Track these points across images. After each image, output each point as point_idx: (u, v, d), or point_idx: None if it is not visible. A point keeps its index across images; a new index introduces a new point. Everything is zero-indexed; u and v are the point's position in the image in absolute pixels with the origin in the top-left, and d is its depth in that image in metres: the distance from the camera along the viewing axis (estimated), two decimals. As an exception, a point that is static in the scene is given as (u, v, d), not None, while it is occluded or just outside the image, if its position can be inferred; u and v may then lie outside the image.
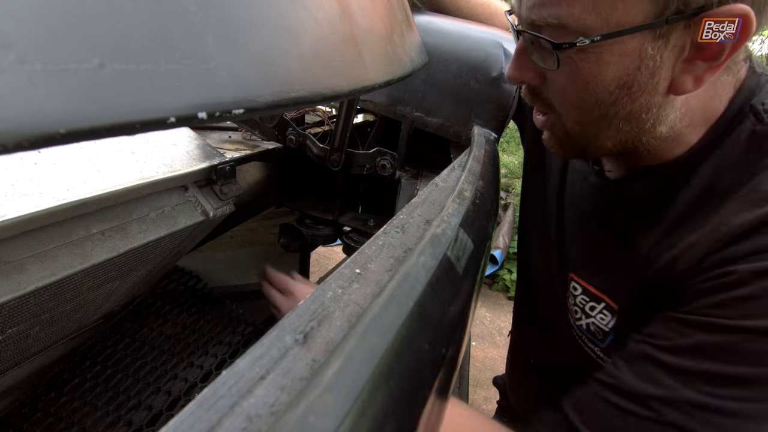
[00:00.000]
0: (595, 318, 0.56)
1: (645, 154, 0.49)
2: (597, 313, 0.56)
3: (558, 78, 0.45)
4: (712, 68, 0.39)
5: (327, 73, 0.25)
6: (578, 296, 0.59)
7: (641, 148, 0.48)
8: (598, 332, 0.56)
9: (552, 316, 0.69)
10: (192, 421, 0.15)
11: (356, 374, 0.17)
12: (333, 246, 2.54)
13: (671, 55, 0.40)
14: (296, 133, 0.77)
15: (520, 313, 0.88)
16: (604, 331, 0.55)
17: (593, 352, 0.58)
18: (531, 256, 0.75)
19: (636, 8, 0.37)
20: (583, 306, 0.58)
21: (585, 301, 0.58)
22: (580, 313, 0.59)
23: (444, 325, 0.25)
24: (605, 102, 0.43)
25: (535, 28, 0.43)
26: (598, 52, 0.40)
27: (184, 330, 0.87)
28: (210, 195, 0.63)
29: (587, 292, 0.58)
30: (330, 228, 0.86)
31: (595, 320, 0.57)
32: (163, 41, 0.15)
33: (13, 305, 0.42)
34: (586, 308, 0.58)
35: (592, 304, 0.57)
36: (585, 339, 0.59)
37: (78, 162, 0.49)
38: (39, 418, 0.65)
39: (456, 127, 0.70)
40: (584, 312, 0.58)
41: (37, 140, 0.11)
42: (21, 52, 0.11)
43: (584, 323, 0.59)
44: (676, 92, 0.42)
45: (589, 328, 0.58)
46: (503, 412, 1.00)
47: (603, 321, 0.55)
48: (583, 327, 0.59)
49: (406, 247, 0.29)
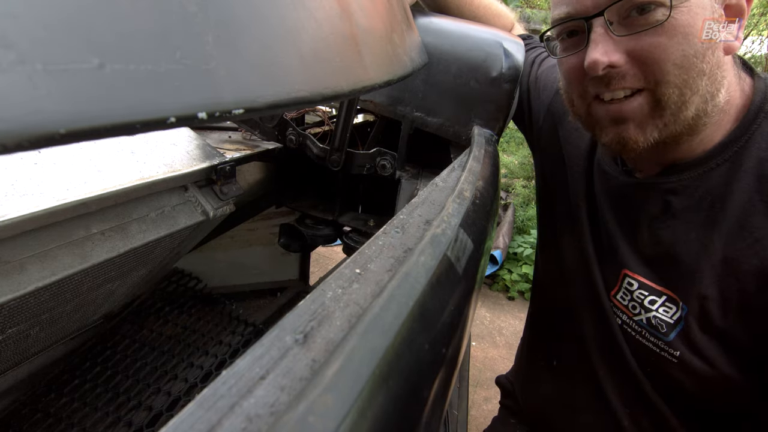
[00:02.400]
0: (657, 311, 0.58)
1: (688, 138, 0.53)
2: (659, 306, 0.58)
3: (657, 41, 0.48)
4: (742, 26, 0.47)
5: (327, 73, 0.25)
6: (635, 291, 0.61)
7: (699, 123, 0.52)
8: (661, 325, 0.58)
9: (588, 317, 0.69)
10: (192, 421, 0.15)
11: (356, 374, 0.17)
12: (333, 246, 2.54)
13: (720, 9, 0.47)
14: (296, 133, 0.77)
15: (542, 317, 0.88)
16: (669, 324, 0.57)
17: (656, 345, 0.59)
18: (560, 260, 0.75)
19: None
20: (642, 300, 0.60)
21: (643, 296, 0.59)
22: (638, 308, 0.60)
23: (444, 325, 0.25)
24: (701, 54, 0.48)
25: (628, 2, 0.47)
26: (689, 5, 0.46)
27: (184, 330, 0.87)
28: (210, 195, 0.63)
29: (645, 287, 0.59)
30: (330, 228, 0.86)
31: (657, 314, 0.58)
32: (163, 41, 0.15)
33: (13, 305, 0.42)
34: (645, 302, 0.59)
35: (653, 297, 0.58)
36: (645, 334, 0.60)
37: (78, 162, 0.48)
38: (39, 418, 0.65)
39: (456, 127, 0.70)
40: (643, 306, 0.59)
41: (37, 140, 0.11)
42: (21, 52, 0.11)
43: (644, 318, 0.60)
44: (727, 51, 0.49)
45: (650, 322, 0.59)
46: (507, 412, 0.99)
47: (667, 314, 0.57)
48: (643, 322, 0.60)
49: (406, 247, 0.29)
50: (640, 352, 0.62)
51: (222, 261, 1.16)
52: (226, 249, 1.16)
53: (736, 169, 0.51)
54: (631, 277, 0.61)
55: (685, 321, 0.55)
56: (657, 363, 0.59)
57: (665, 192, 0.57)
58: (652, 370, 0.61)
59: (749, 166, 0.50)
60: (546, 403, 0.84)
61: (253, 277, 1.23)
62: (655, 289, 0.58)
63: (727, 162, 0.52)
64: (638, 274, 0.60)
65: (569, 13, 0.52)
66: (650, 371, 0.61)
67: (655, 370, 0.60)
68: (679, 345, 0.56)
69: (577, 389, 0.74)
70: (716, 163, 0.53)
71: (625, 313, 0.63)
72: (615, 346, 0.65)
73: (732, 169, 0.51)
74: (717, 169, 0.52)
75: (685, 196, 0.55)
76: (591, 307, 0.68)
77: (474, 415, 1.73)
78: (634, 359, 0.63)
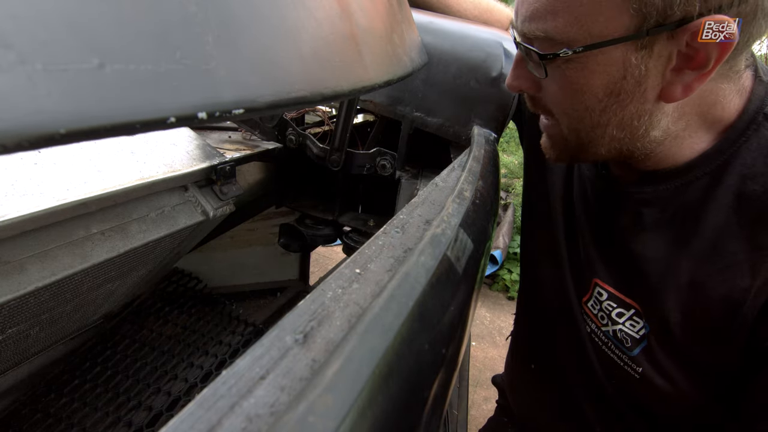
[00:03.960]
0: (624, 325, 0.55)
1: (644, 158, 0.50)
2: (626, 320, 0.55)
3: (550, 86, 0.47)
4: (701, 76, 0.40)
5: (327, 73, 0.25)
6: (604, 302, 0.58)
7: (638, 153, 0.49)
8: (626, 339, 0.55)
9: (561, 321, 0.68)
10: (192, 422, 0.15)
11: (356, 374, 0.17)
12: (333, 246, 2.54)
13: (658, 64, 0.41)
14: (296, 133, 0.77)
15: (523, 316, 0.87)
16: (635, 338, 0.54)
17: (620, 359, 0.57)
18: (535, 259, 0.74)
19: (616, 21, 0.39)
20: (610, 312, 0.57)
21: (612, 307, 0.57)
22: (606, 319, 0.58)
23: (444, 325, 0.25)
24: (595, 109, 0.45)
25: (527, 40, 0.45)
26: (583, 62, 0.42)
27: (184, 330, 0.87)
28: (210, 195, 0.63)
29: (614, 298, 0.57)
30: (330, 228, 0.86)
31: (623, 327, 0.56)
32: (163, 41, 0.15)
33: (13, 305, 0.42)
34: (612, 314, 0.57)
35: (620, 310, 0.56)
36: (611, 346, 0.58)
37: (78, 162, 0.49)
38: (39, 418, 0.65)
39: (456, 127, 0.70)
40: (611, 318, 0.57)
41: (37, 140, 0.11)
42: (21, 52, 0.11)
43: (611, 330, 0.57)
44: (666, 100, 0.43)
45: (616, 335, 0.57)
46: (503, 411, 0.99)
47: (633, 328, 0.54)
48: (609, 333, 0.58)
49: (406, 247, 0.29)
50: (606, 364, 0.60)
51: (222, 261, 1.16)
52: (226, 249, 1.16)
53: (716, 185, 0.46)
54: (601, 287, 0.59)
55: (648, 338, 0.53)
56: (621, 377, 0.57)
57: (638, 202, 0.53)
58: (617, 383, 0.59)
59: (729, 183, 0.45)
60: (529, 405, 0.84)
61: (253, 277, 1.23)
62: (624, 301, 0.56)
63: (707, 176, 0.47)
64: (608, 284, 0.58)
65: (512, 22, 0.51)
66: (615, 383, 0.59)
67: (619, 383, 0.58)
68: (642, 361, 0.54)
69: (553, 394, 0.73)
70: (695, 176, 0.47)
71: (594, 322, 0.61)
72: (584, 354, 0.63)
73: (711, 184, 0.47)
74: (695, 183, 0.48)
75: (658, 209, 0.51)
76: (563, 312, 0.67)
77: (474, 415, 1.73)
78: (601, 370, 0.61)
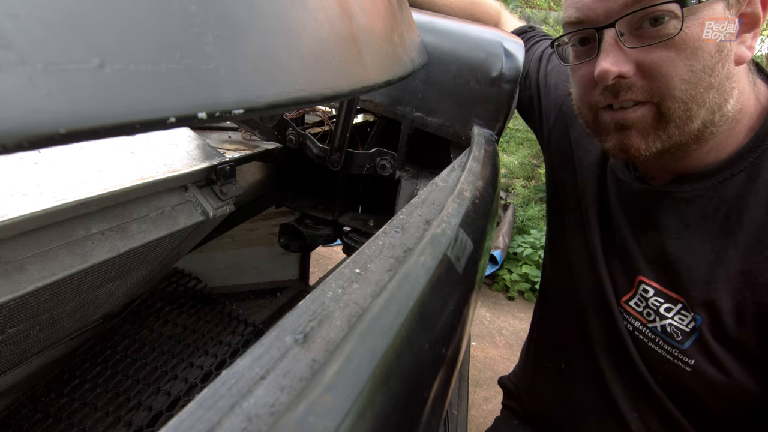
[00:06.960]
0: (673, 319, 0.58)
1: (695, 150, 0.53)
2: (674, 315, 0.57)
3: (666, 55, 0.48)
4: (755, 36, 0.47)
5: (327, 73, 0.25)
6: (650, 298, 0.60)
7: (707, 132, 0.52)
8: (676, 333, 0.57)
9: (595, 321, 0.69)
10: (192, 422, 0.15)
11: (356, 374, 0.17)
12: (333, 246, 2.54)
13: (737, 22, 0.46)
14: (296, 133, 0.77)
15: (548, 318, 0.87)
16: (685, 332, 0.56)
17: (669, 354, 0.59)
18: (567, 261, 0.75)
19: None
20: (658, 308, 0.59)
21: (659, 303, 0.59)
22: (653, 315, 0.60)
23: (444, 325, 0.25)
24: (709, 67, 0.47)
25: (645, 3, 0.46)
26: (699, 17, 0.46)
27: (184, 331, 0.87)
28: (210, 195, 0.63)
29: (661, 294, 0.59)
30: (330, 228, 0.86)
31: (672, 321, 0.58)
32: (163, 41, 0.15)
33: (13, 305, 0.42)
34: (660, 310, 0.59)
35: (668, 305, 0.58)
36: (659, 341, 0.60)
37: (78, 162, 0.48)
38: (39, 418, 0.65)
39: (456, 127, 0.70)
40: (659, 314, 0.59)
41: (37, 140, 0.11)
42: (21, 52, 0.11)
43: (659, 325, 0.59)
44: (738, 61, 0.48)
45: (665, 329, 0.59)
46: (511, 413, 0.98)
47: (682, 322, 0.57)
48: (657, 329, 0.60)
49: (406, 247, 0.29)
50: (652, 360, 0.61)
51: (222, 261, 1.16)
52: (226, 249, 1.16)
53: (753, 180, 0.51)
54: (647, 284, 0.61)
55: (700, 330, 0.55)
56: (670, 371, 0.59)
57: (678, 201, 0.57)
58: (665, 378, 0.60)
59: (766, 178, 0.50)
60: (551, 404, 0.84)
61: (253, 277, 1.23)
62: (671, 296, 0.58)
63: (743, 172, 0.52)
64: (654, 281, 0.60)
65: (580, 19, 0.52)
66: (662, 378, 0.61)
67: (667, 377, 0.60)
68: (694, 353, 0.56)
69: (583, 392, 0.74)
70: (731, 173, 0.52)
71: (638, 320, 0.62)
72: (624, 352, 0.64)
73: (748, 180, 0.51)
74: (732, 180, 0.52)
75: (699, 206, 0.55)
76: (599, 312, 0.68)
77: (474, 415, 1.73)
78: (644, 366, 0.62)
